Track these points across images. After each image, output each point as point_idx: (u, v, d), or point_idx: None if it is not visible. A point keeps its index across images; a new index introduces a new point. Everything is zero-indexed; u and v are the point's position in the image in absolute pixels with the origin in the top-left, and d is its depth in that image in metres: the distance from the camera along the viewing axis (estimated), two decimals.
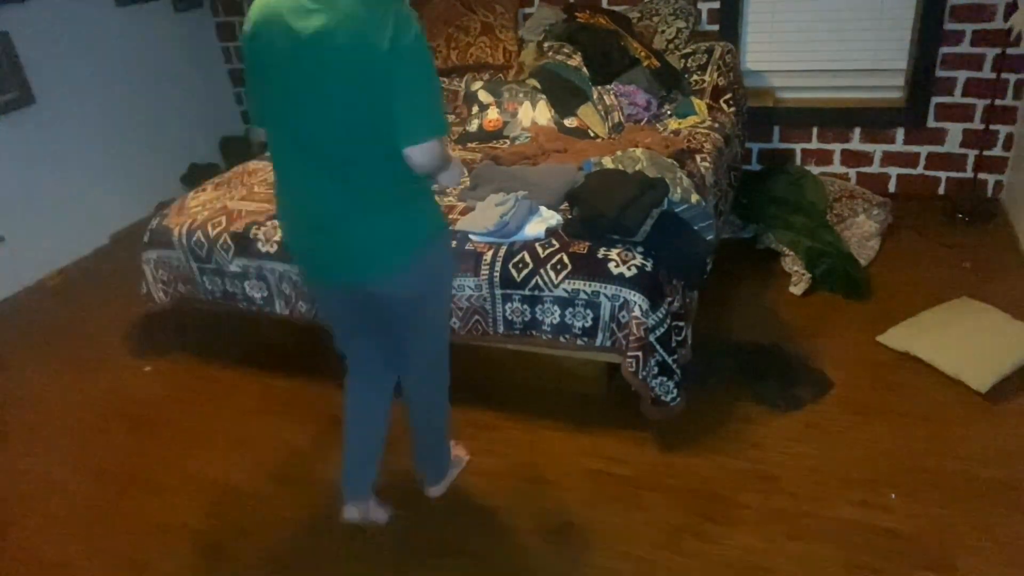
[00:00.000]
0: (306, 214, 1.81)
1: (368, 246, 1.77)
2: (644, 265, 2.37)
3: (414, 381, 2.14)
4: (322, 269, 1.90)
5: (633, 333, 2.33)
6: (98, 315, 3.59)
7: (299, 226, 1.87)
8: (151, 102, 4.57)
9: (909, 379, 2.66)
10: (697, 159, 2.99)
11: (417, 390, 2.16)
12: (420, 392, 2.17)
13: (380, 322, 1.98)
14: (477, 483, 2.39)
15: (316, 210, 1.78)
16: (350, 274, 1.84)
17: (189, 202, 3.14)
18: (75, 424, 2.88)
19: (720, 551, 2.08)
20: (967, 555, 2.00)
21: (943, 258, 3.42)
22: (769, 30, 4.00)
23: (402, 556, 2.17)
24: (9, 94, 3.72)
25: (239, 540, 2.27)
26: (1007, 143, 3.76)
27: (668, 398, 2.41)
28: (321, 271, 1.91)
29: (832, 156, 4.10)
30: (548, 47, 3.73)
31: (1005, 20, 3.48)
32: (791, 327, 3.00)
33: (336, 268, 1.85)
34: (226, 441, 2.69)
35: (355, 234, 1.76)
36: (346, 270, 1.83)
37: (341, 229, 1.76)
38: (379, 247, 1.77)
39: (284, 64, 1.65)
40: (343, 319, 2.06)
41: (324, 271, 1.90)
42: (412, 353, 2.06)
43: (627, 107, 3.42)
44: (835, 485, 2.25)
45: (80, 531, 2.37)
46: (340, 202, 1.74)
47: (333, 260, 1.84)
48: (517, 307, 2.48)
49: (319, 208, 1.77)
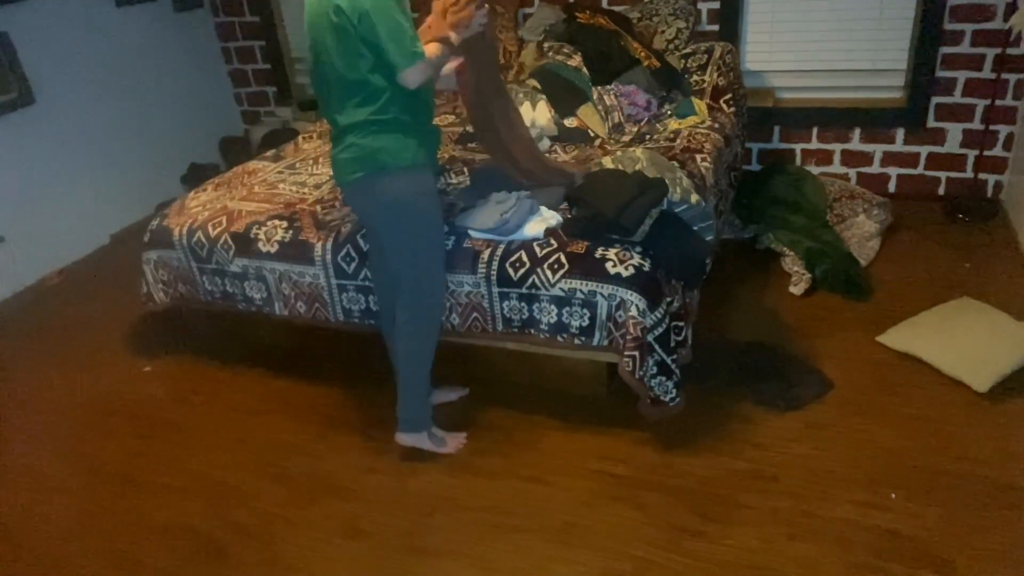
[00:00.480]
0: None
1: (336, 164, 2.30)
2: (642, 265, 2.37)
3: (399, 323, 2.40)
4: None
5: (630, 333, 2.33)
6: (98, 315, 3.59)
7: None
8: (151, 102, 4.58)
9: (909, 379, 2.66)
10: (697, 159, 2.99)
11: (400, 333, 2.40)
12: (403, 335, 2.40)
13: (374, 239, 2.47)
14: (477, 483, 2.39)
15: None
16: (336, 182, 2.41)
17: (189, 202, 3.14)
18: (75, 424, 2.88)
19: (720, 551, 2.08)
20: (967, 555, 1.99)
21: (943, 258, 3.42)
22: (769, 30, 4.00)
23: (402, 556, 2.17)
24: (9, 94, 3.72)
25: (239, 540, 2.27)
26: (1007, 143, 3.76)
27: (667, 398, 2.41)
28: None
29: (832, 156, 4.10)
30: (548, 47, 3.73)
31: (1005, 20, 3.48)
32: (791, 327, 3.00)
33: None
34: (226, 441, 2.69)
35: (335, 151, 2.30)
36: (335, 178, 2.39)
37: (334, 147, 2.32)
38: (342, 166, 2.27)
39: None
40: (366, 236, 2.60)
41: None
42: (401, 289, 2.36)
43: (627, 107, 3.42)
44: (835, 485, 2.25)
45: (79, 531, 2.37)
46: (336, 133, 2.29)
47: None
48: (514, 304, 2.48)
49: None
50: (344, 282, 2.69)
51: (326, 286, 2.72)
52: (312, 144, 3.69)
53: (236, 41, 5.09)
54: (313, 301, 2.77)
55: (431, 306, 2.41)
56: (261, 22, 4.95)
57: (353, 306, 2.72)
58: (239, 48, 5.12)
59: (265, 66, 5.10)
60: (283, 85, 5.12)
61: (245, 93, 5.28)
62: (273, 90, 5.18)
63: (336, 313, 2.76)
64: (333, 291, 2.72)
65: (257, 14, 4.93)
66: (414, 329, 2.40)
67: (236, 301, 2.94)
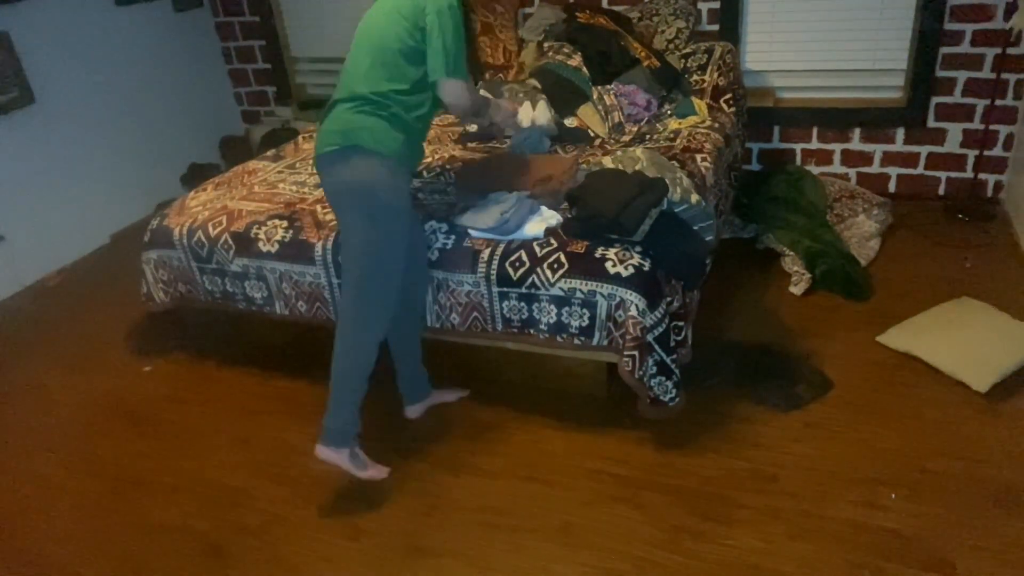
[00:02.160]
0: None
1: (320, 133, 2.29)
2: (642, 265, 2.37)
3: (339, 321, 2.33)
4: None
5: (630, 332, 2.33)
6: (98, 315, 3.59)
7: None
8: (151, 102, 4.58)
9: (909, 379, 2.66)
10: (697, 159, 2.99)
11: (338, 331, 2.30)
12: (338, 332, 2.29)
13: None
14: (477, 483, 2.39)
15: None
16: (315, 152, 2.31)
17: (189, 202, 3.14)
18: (75, 424, 2.88)
19: (720, 551, 2.08)
20: (967, 555, 1.99)
21: (943, 258, 3.42)
22: (769, 30, 4.00)
23: (402, 556, 2.17)
24: (9, 94, 3.72)
25: (239, 540, 2.27)
26: (1007, 143, 3.76)
27: (667, 398, 2.41)
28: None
29: (832, 156, 4.10)
30: (548, 47, 3.73)
31: (1005, 20, 3.48)
32: (791, 327, 3.00)
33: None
34: (226, 441, 2.69)
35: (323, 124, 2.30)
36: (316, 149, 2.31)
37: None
38: (323, 136, 2.26)
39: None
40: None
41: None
42: (344, 286, 2.34)
43: (627, 107, 3.42)
44: (835, 485, 2.25)
45: (80, 531, 2.37)
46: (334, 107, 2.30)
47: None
48: (514, 304, 2.48)
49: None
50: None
51: (327, 285, 2.72)
52: (312, 144, 3.68)
53: (236, 41, 5.09)
54: (314, 300, 2.77)
55: (375, 316, 2.26)
56: (261, 22, 4.95)
57: None
58: (239, 48, 5.12)
59: (265, 66, 5.11)
60: (283, 85, 5.12)
61: (245, 93, 5.28)
62: (273, 90, 5.18)
63: (337, 313, 2.76)
64: (334, 290, 2.72)
65: (257, 14, 4.93)
66: (352, 336, 2.26)
67: (236, 301, 2.94)
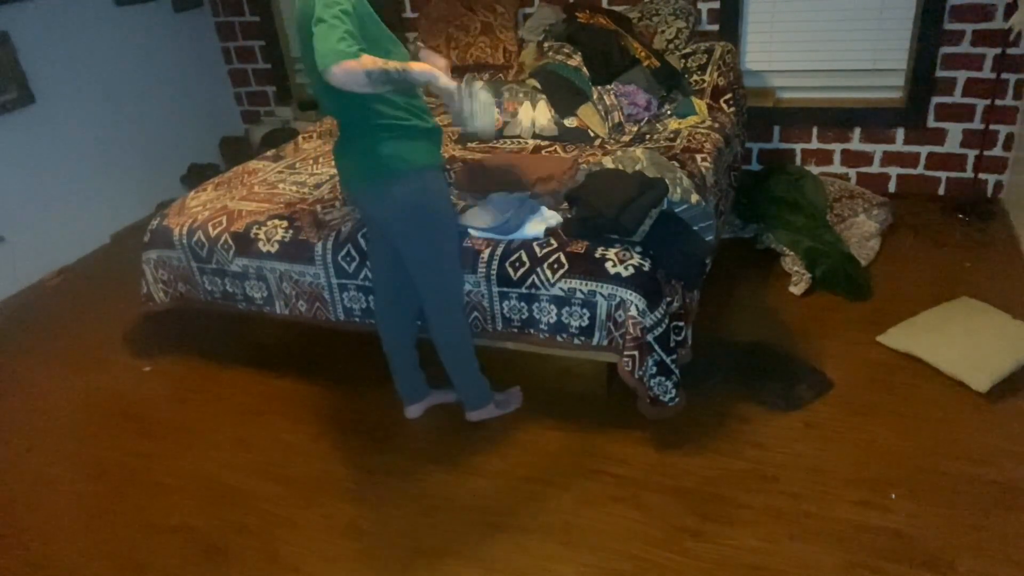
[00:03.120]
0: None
1: (346, 168, 2.27)
2: (642, 265, 2.37)
3: (431, 322, 2.44)
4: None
5: (629, 332, 2.33)
6: (98, 315, 3.59)
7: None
8: (151, 102, 4.58)
9: (909, 379, 2.66)
10: (697, 159, 2.99)
11: (434, 330, 2.46)
12: (437, 331, 2.45)
13: (386, 243, 2.37)
14: (477, 483, 2.39)
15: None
16: (344, 186, 2.39)
17: (189, 202, 3.14)
18: (75, 424, 2.88)
19: (720, 551, 2.08)
20: (967, 555, 1.99)
21: (943, 258, 3.42)
22: (769, 30, 4.00)
23: (402, 556, 2.17)
24: (9, 94, 3.72)
25: (239, 540, 2.27)
26: (1007, 143, 3.76)
27: (666, 398, 2.41)
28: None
29: (832, 156, 4.10)
30: (548, 47, 3.73)
31: (1005, 20, 3.48)
32: (791, 327, 3.00)
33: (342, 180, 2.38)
34: (226, 441, 2.69)
35: (341, 160, 2.29)
36: (343, 182, 2.36)
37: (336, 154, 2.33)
38: (352, 171, 2.24)
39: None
40: (367, 235, 2.59)
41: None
42: (420, 289, 2.38)
43: (627, 107, 3.42)
44: (835, 485, 2.25)
45: (80, 531, 2.37)
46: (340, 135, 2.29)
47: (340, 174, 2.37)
48: (514, 304, 2.48)
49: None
50: (345, 281, 2.69)
51: (326, 285, 2.72)
52: (312, 144, 3.69)
53: (236, 41, 5.10)
54: (314, 300, 2.78)
55: (458, 296, 2.46)
56: (261, 22, 4.95)
57: (354, 305, 2.72)
58: (239, 48, 5.12)
59: (265, 66, 5.11)
60: (283, 85, 5.12)
61: (245, 93, 5.28)
62: (273, 90, 5.18)
63: (337, 312, 2.76)
64: (334, 290, 2.72)
65: (257, 14, 4.93)
66: (449, 321, 2.44)
67: (236, 301, 2.94)
